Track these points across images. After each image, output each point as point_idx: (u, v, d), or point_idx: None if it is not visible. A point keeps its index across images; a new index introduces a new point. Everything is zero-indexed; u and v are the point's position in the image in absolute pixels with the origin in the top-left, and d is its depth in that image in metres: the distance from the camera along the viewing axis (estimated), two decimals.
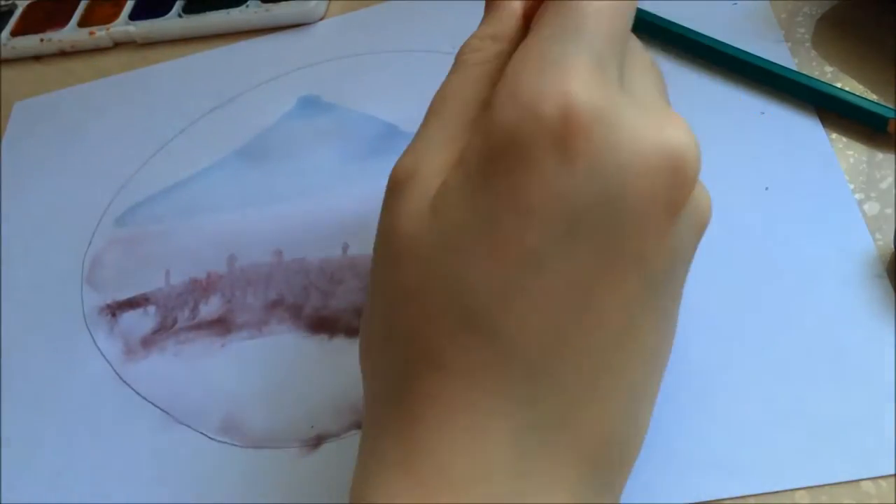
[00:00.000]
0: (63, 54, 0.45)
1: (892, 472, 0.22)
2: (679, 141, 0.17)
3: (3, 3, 0.48)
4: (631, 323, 0.18)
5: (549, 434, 0.18)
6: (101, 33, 0.44)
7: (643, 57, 0.20)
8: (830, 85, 0.29)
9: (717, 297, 0.26)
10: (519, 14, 0.21)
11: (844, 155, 0.28)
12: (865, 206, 0.27)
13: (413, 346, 0.18)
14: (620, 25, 0.18)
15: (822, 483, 0.22)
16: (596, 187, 0.17)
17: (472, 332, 0.17)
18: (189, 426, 0.29)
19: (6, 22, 0.47)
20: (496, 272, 0.17)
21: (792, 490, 0.22)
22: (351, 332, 0.29)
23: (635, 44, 0.21)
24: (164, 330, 0.32)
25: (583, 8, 0.18)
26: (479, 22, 0.40)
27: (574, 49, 0.17)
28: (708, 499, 0.23)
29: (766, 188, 0.28)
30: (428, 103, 0.38)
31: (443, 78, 0.39)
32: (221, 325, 0.31)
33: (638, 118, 0.17)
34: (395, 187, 0.19)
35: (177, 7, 0.43)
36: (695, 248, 0.19)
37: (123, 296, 0.33)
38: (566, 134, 0.16)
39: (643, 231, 0.17)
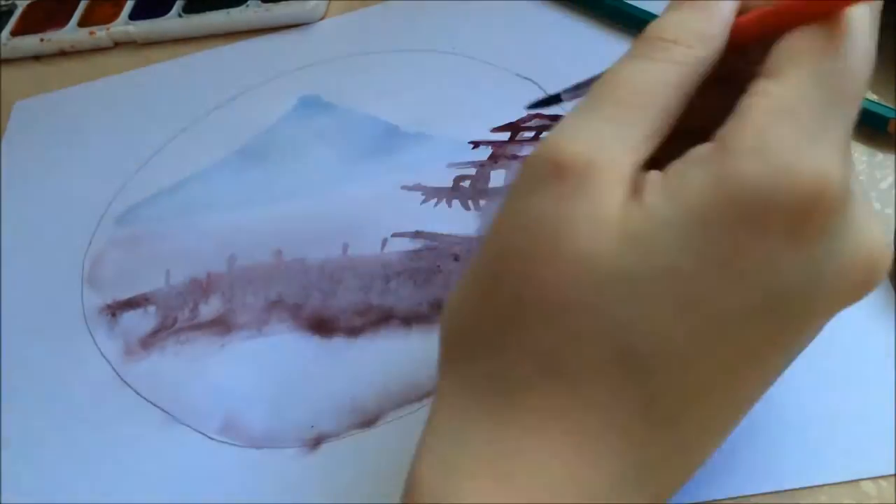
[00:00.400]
0: (63, 54, 0.45)
1: (892, 471, 0.22)
2: (882, 247, 0.17)
3: (3, 2, 0.48)
4: (764, 390, 0.19)
5: (652, 477, 0.18)
6: (101, 33, 0.44)
7: None
8: None
9: None
10: (730, 22, 0.18)
11: None
12: None
13: (541, 358, 0.17)
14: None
15: (822, 483, 0.22)
16: (809, 275, 0.16)
17: (619, 366, 0.17)
18: (189, 426, 0.29)
19: (6, 22, 0.47)
20: (676, 322, 0.16)
21: (792, 490, 0.22)
22: (351, 331, 0.29)
23: None
24: (164, 330, 0.32)
25: (848, 62, 0.16)
26: (478, 22, 0.40)
27: (835, 119, 0.16)
28: (708, 499, 0.23)
29: None
30: (428, 103, 0.38)
31: (443, 77, 0.39)
32: (221, 325, 0.31)
33: (861, 214, 0.17)
34: (567, 174, 0.16)
35: (177, 7, 0.43)
36: None
37: (123, 296, 0.33)
38: (809, 215, 0.15)
39: (822, 321, 0.18)
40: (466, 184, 0.32)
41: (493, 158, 0.32)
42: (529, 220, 0.17)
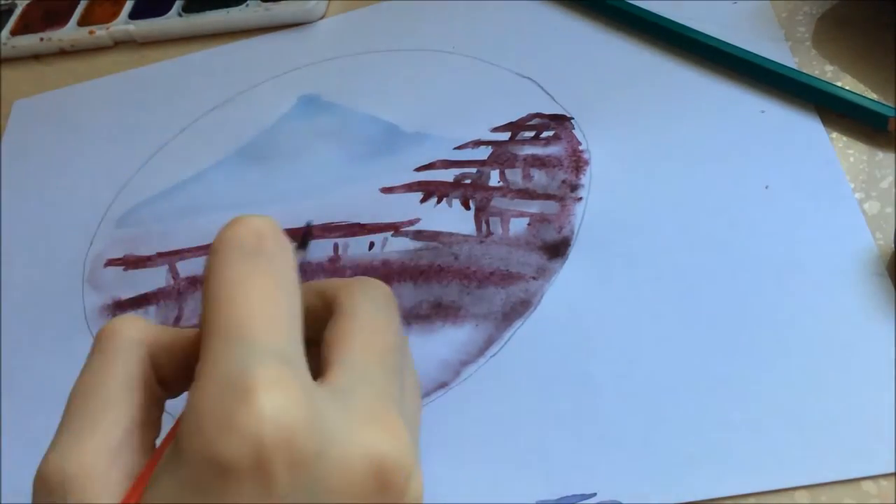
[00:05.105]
0: (63, 53, 0.45)
1: (893, 470, 0.22)
2: (386, 447, 0.17)
3: (2, 2, 0.48)
4: None
5: None
6: (101, 32, 0.44)
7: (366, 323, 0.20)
8: (831, 84, 0.29)
9: (717, 295, 0.26)
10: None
11: (844, 154, 0.28)
12: (866, 206, 0.27)
13: None
14: (287, 298, 0.17)
15: (821, 482, 0.22)
16: (302, 499, 0.16)
17: None
18: None
19: (6, 21, 0.47)
20: None
21: (792, 489, 0.22)
22: None
23: (357, 298, 0.20)
24: None
25: (225, 304, 0.17)
26: (478, 22, 0.40)
27: (252, 358, 0.16)
28: (707, 497, 0.23)
29: (766, 187, 0.28)
30: (428, 103, 0.38)
31: (443, 77, 0.39)
32: None
33: (341, 422, 0.17)
34: (51, 492, 0.18)
35: (176, 6, 0.43)
36: None
37: (124, 296, 0.33)
38: (261, 463, 0.15)
39: None
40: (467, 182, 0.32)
41: (493, 158, 0.32)
42: None
